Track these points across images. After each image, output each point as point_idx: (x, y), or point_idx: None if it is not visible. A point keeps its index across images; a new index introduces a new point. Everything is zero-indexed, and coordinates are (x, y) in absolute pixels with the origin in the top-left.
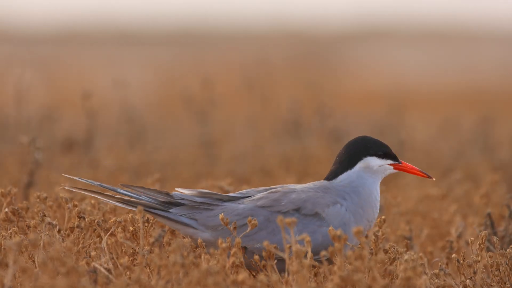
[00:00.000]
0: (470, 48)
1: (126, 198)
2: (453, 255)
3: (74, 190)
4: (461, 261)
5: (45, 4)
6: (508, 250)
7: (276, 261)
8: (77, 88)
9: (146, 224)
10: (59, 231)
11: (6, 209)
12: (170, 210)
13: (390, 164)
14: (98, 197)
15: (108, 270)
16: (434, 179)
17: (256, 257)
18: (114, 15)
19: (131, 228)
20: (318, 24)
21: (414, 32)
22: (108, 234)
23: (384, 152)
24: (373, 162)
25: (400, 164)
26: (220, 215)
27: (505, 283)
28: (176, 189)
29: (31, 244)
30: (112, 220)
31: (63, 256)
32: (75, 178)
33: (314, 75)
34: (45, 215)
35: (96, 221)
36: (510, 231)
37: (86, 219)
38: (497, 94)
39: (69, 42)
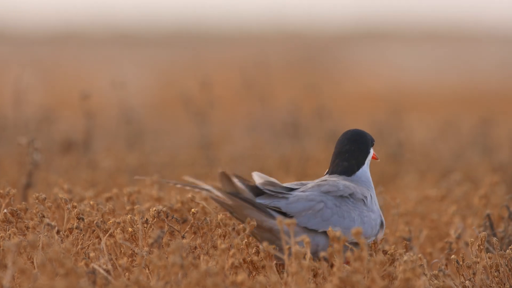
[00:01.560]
0: (469, 49)
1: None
2: (453, 256)
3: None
4: (461, 262)
5: (44, 5)
6: (507, 251)
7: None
8: (76, 89)
9: (145, 225)
10: (58, 232)
11: (5, 210)
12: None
13: None
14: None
15: (107, 271)
16: (378, 160)
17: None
18: (113, 16)
19: (130, 229)
20: (316, 25)
21: (413, 33)
22: (107, 235)
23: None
24: (372, 153)
25: None
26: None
27: (504, 284)
28: (252, 173)
29: (30, 245)
30: (111, 221)
31: (62, 257)
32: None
33: (313, 76)
34: (44, 216)
35: (95, 222)
36: (510, 232)
37: (85, 220)
38: (496, 95)
39: (67, 43)
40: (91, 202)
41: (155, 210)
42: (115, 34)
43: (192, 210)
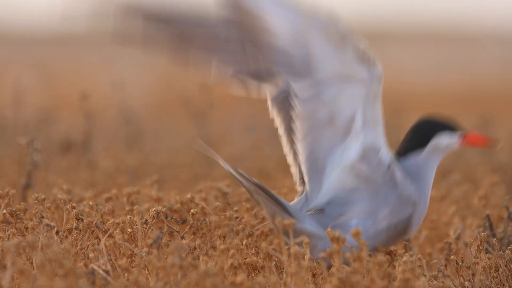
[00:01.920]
0: (469, 49)
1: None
2: (452, 257)
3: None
4: (460, 263)
5: (43, 5)
6: (506, 251)
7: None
8: (75, 89)
9: (144, 226)
10: (57, 233)
11: (4, 211)
12: None
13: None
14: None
15: (106, 272)
16: (500, 144)
17: None
18: None
19: (129, 230)
20: None
21: (413, 33)
22: (106, 235)
23: (455, 125)
24: (444, 139)
25: (467, 135)
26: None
27: (503, 284)
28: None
29: (29, 246)
30: (110, 221)
31: (61, 258)
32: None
33: None
34: (43, 217)
35: (94, 222)
36: (509, 232)
37: (84, 221)
38: (497, 95)
39: (67, 43)
40: (91, 203)
41: (155, 210)
42: None
43: (192, 210)
